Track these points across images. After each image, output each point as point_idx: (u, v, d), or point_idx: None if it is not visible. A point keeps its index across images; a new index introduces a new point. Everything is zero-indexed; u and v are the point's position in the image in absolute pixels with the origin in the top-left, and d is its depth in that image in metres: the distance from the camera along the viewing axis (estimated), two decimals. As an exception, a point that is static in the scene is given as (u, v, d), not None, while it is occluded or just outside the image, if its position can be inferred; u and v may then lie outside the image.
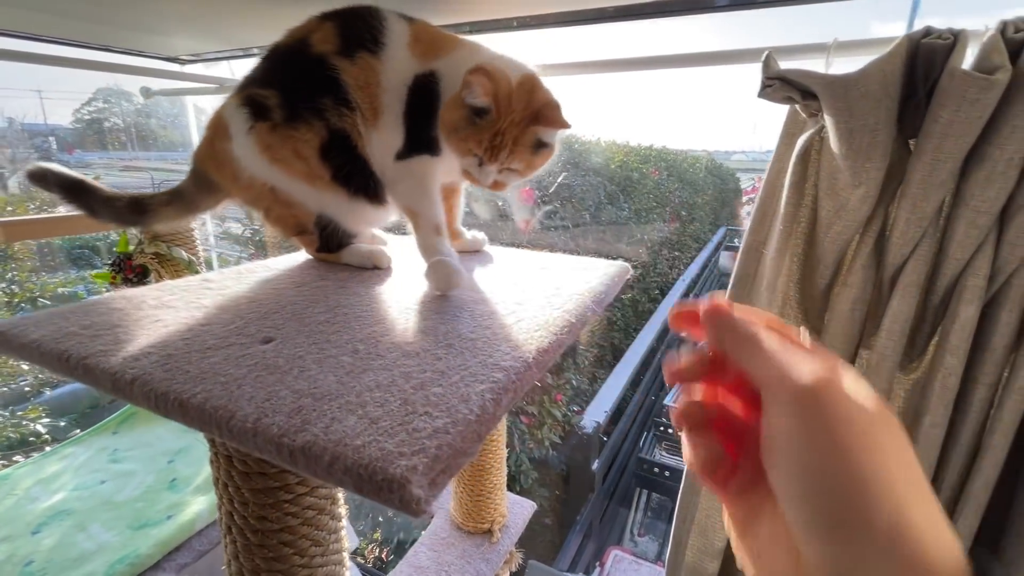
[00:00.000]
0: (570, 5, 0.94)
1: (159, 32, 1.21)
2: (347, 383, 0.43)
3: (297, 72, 0.72)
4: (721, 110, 25.84)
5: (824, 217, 0.71)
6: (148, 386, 0.42)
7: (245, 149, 0.72)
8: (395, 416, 0.38)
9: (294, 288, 0.68)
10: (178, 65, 1.47)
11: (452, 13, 0.98)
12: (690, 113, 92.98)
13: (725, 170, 9.23)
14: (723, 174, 8.88)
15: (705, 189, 6.81)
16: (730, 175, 9.59)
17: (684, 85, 24.91)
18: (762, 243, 0.80)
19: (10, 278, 2.31)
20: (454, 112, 0.69)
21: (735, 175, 9.94)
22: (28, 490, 1.05)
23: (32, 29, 1.15)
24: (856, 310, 0.72)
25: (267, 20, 1.04)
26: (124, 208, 0.77)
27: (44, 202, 2.46)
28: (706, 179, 7.09)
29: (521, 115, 0.68)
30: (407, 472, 0.32)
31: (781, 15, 16.15)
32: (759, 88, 0.68)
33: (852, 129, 0.61)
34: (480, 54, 0.73)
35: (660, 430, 3.23)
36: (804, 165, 0.73)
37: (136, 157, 8.57)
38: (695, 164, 6.85)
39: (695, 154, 7.70)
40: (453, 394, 0.42)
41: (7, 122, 6.71)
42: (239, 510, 0.50)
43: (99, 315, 0.56)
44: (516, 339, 0.53)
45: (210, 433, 0.39)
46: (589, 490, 2.64)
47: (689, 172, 6.30)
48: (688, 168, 6.36)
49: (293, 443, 0.35)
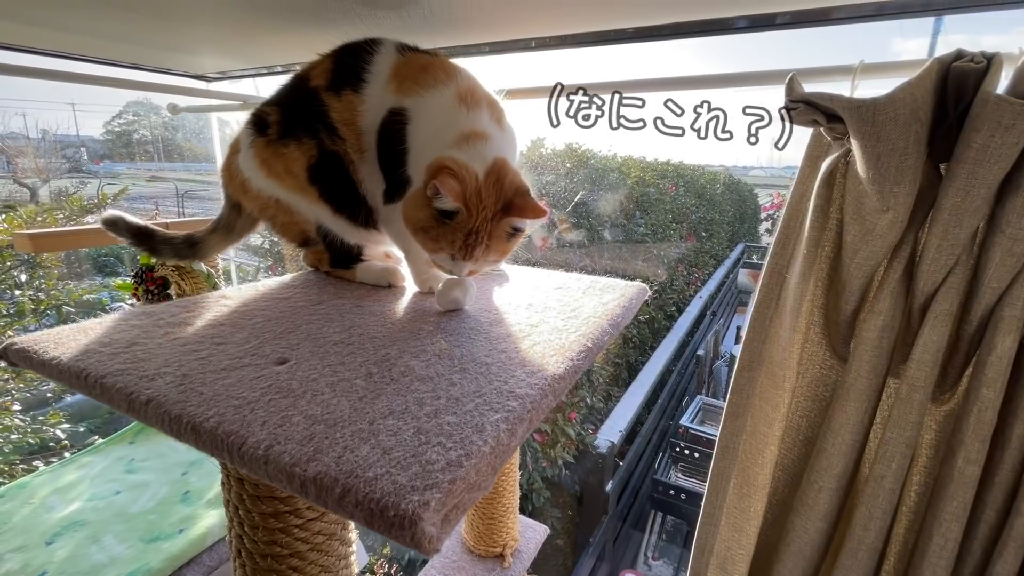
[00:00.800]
0: (589, 26, 0.94)
1: (187, 51, 1.24)
2: (360, 409, 0.42)
3: (297, 100, 0.75)
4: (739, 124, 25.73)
5: (850, 242, 0.69)
6: (162, 408, 0.42)
7: (247, 161, 0.76)
8: (408, 446, 0.37)
9: (310, 307, 0.68)
10: (204, 83, 1.51)
11: (472, 34, 0.99)
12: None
13: (743, 186, 9.14)
14: (741, 190, 8.80)
15: (723, 205, 6.75)
16: (748, 191, 9.49)
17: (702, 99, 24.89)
18: (785, 267, 0.78)
19: (37, 286, 2.37)
20: (420, 211, 0.63)
21: (753, 191, 9.84)
22: (45, 499, 1.06)
23: (67, 48, 1.20)
24: (884, 338, 0.69)
25: (288, 40, 1.06)
26: (181, 245, 0.83)
27: (72, 212, 2.53)
28: (724, 195, 7.03)
29: (493, 209, 0.63)
30: (419, 508, 0.31)
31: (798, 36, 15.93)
32: (783, 111, 0.66)
33: (880, 153, 0.59)
34: (447, 97, 0.66)
35: (676, 451, 3.16)
36: (829, 189, 0.71)
37: (162, 168, 8.82)
38: (713, 180, 6.80)
39: (712, 169, 7.66)
40: (467, 423, 0.41)
41: (41, 134, 6.96)
42: (248, 534, 0.50)
43: (118, 332, 0.57)
44: (531, 364, 0.52)
45: (222, 459, 0.39)
46: (603, 512, 2.59)
47: (707, 188, 6.25)
48: (706, 184, 6.31)
49: (304, 473, 0.34)
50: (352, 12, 0.82)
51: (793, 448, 0.84)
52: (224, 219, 0.84)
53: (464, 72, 0.71)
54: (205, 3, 0.83)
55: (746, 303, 6.62)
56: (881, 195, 0.62)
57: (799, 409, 0.82)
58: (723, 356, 5.25)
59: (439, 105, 0.66)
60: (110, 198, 2.83)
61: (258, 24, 0.93)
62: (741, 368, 0.83)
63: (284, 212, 0.78)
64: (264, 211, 0.80)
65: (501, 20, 0.89)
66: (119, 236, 0.82)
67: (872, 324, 0.69)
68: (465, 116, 0.66)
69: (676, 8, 0.82)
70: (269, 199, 0.77)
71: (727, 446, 0.86)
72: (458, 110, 0.66)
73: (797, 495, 0.79)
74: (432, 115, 0.66)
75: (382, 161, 0.71)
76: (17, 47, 1.16)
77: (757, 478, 0.83)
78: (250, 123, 0.77)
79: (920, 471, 0.74)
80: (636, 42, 1.01)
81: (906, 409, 0.68)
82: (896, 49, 15.79)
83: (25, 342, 0.53)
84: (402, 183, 0.69)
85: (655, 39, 0.98)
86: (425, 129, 0.66)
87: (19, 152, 6.03)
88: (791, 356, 0.77)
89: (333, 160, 0.73)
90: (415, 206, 0.64)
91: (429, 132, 0.66)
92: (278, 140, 0.73)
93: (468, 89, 0.67)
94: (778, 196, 9.19)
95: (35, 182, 5.47)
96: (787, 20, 0.83)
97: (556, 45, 1.06)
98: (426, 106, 0.67)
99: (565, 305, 0.72)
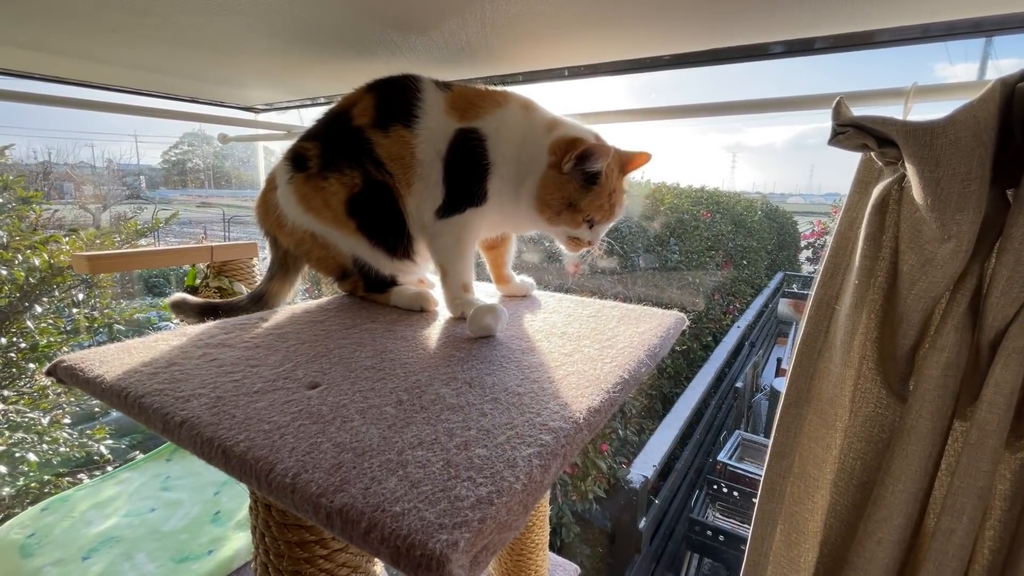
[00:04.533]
0: (622, 55, 0.94)
1: (238, 84, 1.31)
2: (389, 438, 0.41)
3: (338, 136, 0.77)
4: (777, 153, 24.81)
5: (907, 272, 0.64)
6: (195, 430, 0.42)
7: (286, 197, 0.78)
8: (437, 480, 0.36)
9: (343, 330, 0.68)
10: (252, 114, 1.59)
11: (507, 64, 1.01)
12: (743, 155, 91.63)
13: (782, 213, 8.92)
14: (780, 217, 8.58)
15: (761, 233, 6.58)
16: (787, 218, 9.25)
17: (735, 128, 24.21)
18: (834, 298, 0.74)
19: (92, 304, 2.51)
20: (562, 189, 0.71)
21: (792, 219, 9.58)
22: (84, 513, 1.08)
23: (134, 84, 1.29)
24: (949, 376, 0.64)
25: (331, 72, 1.11)
26: (249, 304, 0.85)
27: (128, 236, 2.68)
28: (762, 222, 6.86)
29: (616, 168, 0.73)
30: (447, 549, 0.29)
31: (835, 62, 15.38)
32: (830, 136, 0.64)
33: (939, 179, 0.56)
34: (513, 111, 0.75)
35: (713, 489, 3.00)
36: (881, 216, 0.67)
37: (211, 195, 9.31)
38: (749, 207, 6.65)
39: (749, 196, 7.50)
40: (499, 457, 0.39)
41: (106, 163, 7.49)
42: (274, 562, 0.49)
43: (159, 352, 0.58)
44: (565, 396, 0.50)
45: (250, 485, 0.38)
46: (635, 550, 2.47)
47: (744, 215, 6.12)
48: (743, 211, 6.18)
49: (331, 504, 0.33)
50: (393, 44, 0.85)
51: (847, 494, 0.77)
52: (275, 262, 0.86)
53: (512, 92, 0.78)
54: (255, 38, 0.88)
55: (787, 334, 6.35)
56: (942, 223, 0.58)
57: (852, 451, 0.76)
58: (763, 389, 5.02)
59: (511, 118, 0.74)
60: (162, 222, 2.99)
61: (303, 56, 0.98)
62: (787, 404, 0.79)
63: (320, 247, 0.79)
64: (300, 246, 0.81)
65: (535, 50, 0.91)
66: (187, 317, 0.82)
67: (935, 361, 0.64)
68: (537, 115, 0.75)
69: (713, 34, 0.82)
70: (305, 233, 0.79)
71: (773, 488, 0.81)
72: (528, 116, 0.74)
73: (853, 546, 0.72)
74: (508, 127, 0.73)
75: (451, 178, 0.73)
76: (89, 83, 1.25)
77: (807, 525, 0.77)
78: (288, 159, 0.79)
79: (994, 525, 0.67)
80: (671, 69, 1.00)
81: (977, 455, 0.62)
82: (941, 75, 15.10)
83: (73, 360, 0.55)
84: (470, 197, 0.73)
85: (691, 66, 0.97)
86: (508, 137, 0.73)
87: (85, 180, 6.48)
88: (843, 393, 0.72)
89: (379, 191, 0.75)
90: (555, 187, 0.71)
91: (514, 137, 0.73)
92: (318, 174, 0.75)
93: (524, 102, 0.76)
94: (819, 224, 8.91)
95: (97, 208, 5.86)
96: (827, 45, 0.81)
97: (589, 74, 1.07)
98: (500, 123, 0.73)
99: (600, 334, 0.70)
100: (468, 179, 0.72)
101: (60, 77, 1.20)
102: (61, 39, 0.90)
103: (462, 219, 0.73)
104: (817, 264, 4.82)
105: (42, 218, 2.49)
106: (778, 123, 68.34)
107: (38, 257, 2.18)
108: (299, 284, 0.88)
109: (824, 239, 8.54)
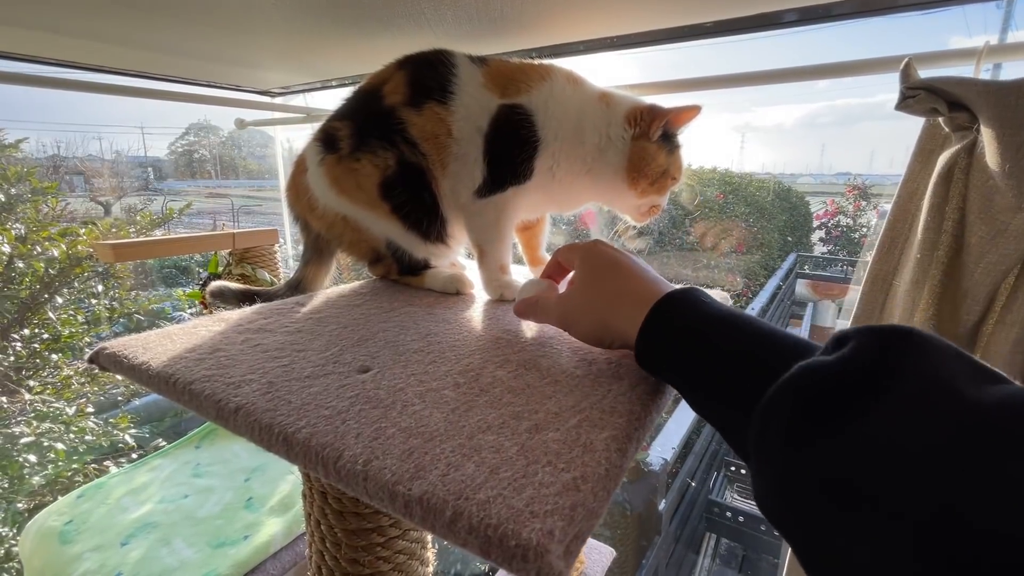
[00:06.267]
0: (633, 27, 0.90)
1: (254, 66, 1.28)
2: (455, 422, 0.39)
3: (369, 115, 0.74)
4: (786, 132, 24.31)
5: (975, 244, 0.61)
6: (252, 416, 0.41)
7: (316, 179, 0.75)
8: (515, 466, 0.34)
9: (383, 314, 0.66)
10: (269, 98, 1.56)
11: (535, 37, 0.97)
12: (753, 135, 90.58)
13: (794, 193, 8.78)
14: (792, 198, 8.45)
15: (773, 214, 6.48)
16: (799, 199, 9.10)
17: (744, 107, 23.52)
18: (891, 273, 0.71)
19: (111, 295, 2.52)
20: (657, 157, 0.71)
21: (804, 199, 9.42)
22: (119, 500, 1.09)
23: (139, 67, 1.26)
24: (1019, 353, 0.61)
25: (353, 51, 1.07)
26: (286, 291, 0.83)
27: (143, 226, 2.68)
28: (774, 203, 6.75)
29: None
30: (544, 538, 0.28)
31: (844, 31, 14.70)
32: (898, 99, 0.60)
33: (1021, 143, 0.52)
34: (560, 85, 0.72)
35: (731, 471, 3.00)
36: (947, 185, 0.64)
37: (220, 185, 9.32)
38: (762, 187, 6.55)
39: (760, 177, 7.38)
40: (574, 441, 0.37)
41: (114, 155, 7.50)
42: (331, 550, 0.48)
43: (201, 337, 0.57)
44: (626, 377, 0.48)
45: (316, 473, 0.37)
46: (655, 532, 2.48)
47: (756, 196, 6.03)
48: (755, 192, 6.09)
49: (409, 492, 0.32)
50: (422, 16, 0.81)
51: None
52: (308, 246, 0.84)
53: (555, 66, 0.74)
54: (274, 15, 0.85)
55: (800, 316, 6.28)
56: (1019, 191, 0.55)
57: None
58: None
59: (560, 93, 0.71)
60: (175, 213, 2.99)
61: (325, 34, 0.95)
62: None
63: (352, 230, 0.77)
64: (331, 229, 0.79)
65: (564, 21, 0.87)
66: (227, 304, 0.81)
67: (1003, 337, 0.61)
68: (586, 88, 0.73)
69: (724, 4, 0.77)
70: (337, 216, 0.76)
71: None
72: (578, 89, 0.72)
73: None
74: (559, 102, 0.70)
75: (494, 155, 0.70)
76: (101, 67, 1.23)
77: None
78: (318, 140, 0.76)
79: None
80: (682, 41, 0.96)
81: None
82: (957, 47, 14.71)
83: (116, 347, 0.54)
84: (515, 174, 0.71)
85: (702, 37, 0.93)
86: (560, 113, 0.70)
87: (95, 173, 6.50)
88: (900, 372, 0.69)
89: (413, 173, 0.72)
90: (651, 157, 0.70)
91: (568, 112, 0.70)
92: (349, 155, 0.73)
93: (569, 75, 0.73)
94: (832, 203, 8.75)
95: (108, 200, 5.88)
96: (845, 11, 0.76)
97: (603, 47, 1.02)
98: (548, 98, 0.70)
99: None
100: (513, 156, 0.69)
101: (71, 61, 1.18)
102: (72, 19, 0.87)
103: (503, 197, 0.70)
104: (829, 244, 4.75)
105: (56, 210, 2.49)
106: (788, 102, 66.92)
107: (56, 248, 2.19)
108: (334, 268, 0.86)
109: (837, 218, 8.41)
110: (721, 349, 0.37)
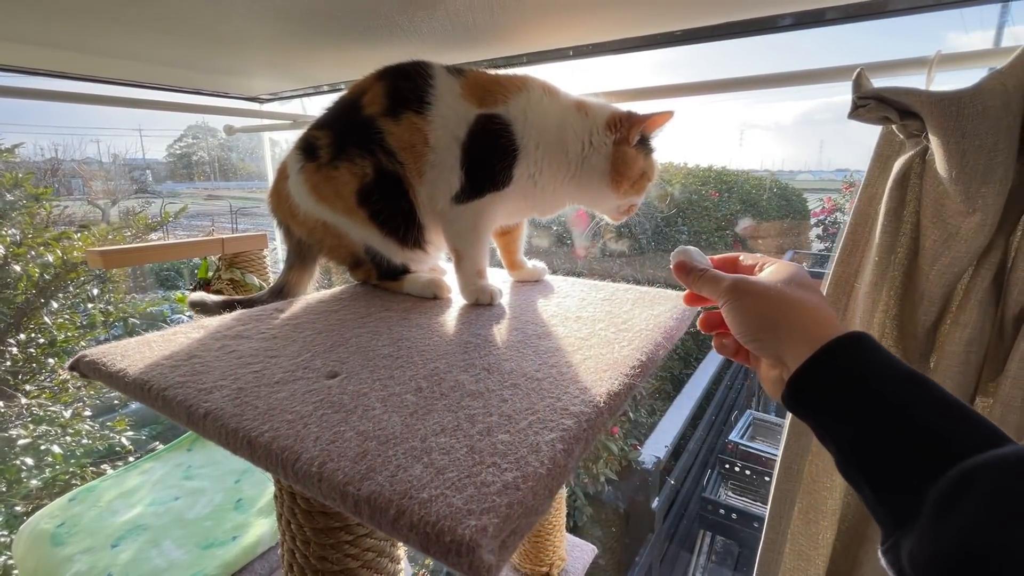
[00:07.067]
0: (628, 32, 0.92)
1: (242, 74, 1.30)
2: (412, 425, 0.41)
3: (349, 125, 0.76)
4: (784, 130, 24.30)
5: (929, 247, 0.63)
6: (219, 421, 0.43)
7: (297, 186, 0.77)
8: (462, 466, 0.36)
9: (358, 319, 0.68)
10: (257, 104, 1.58)
11: (511, 45, 0.99)
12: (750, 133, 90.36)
13: (791, 191, 8.77)
14: (789, 195, 8.45)
15: (769, 211, 6.49)
16: (796, 196, 9.10)
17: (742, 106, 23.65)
18: (853, 275, 0.73)
19: (107, 299, 2.54)
20: (636, 160, 0.75)
21: (802, 196, 9.42)
22: (110, 503, 1.11)
23: (137, 77, 1.28)
24: (971, 352, 0.63)
25: (336, 58, 1.09)
26: (269, 297, 0.85)
27: (138, 230, 2.70)
28: (770, 200, 6.76)
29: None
30: (476, 534, 0.30)
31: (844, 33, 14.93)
32: (850, 109, 0.62)
33: (965, 150, 0.54)
34: (537, 96, 0.75)
35: (725, 468, 3.02)
36: (903, 190, 0.66)
37: (217, 187, 9.31)
38: (758, 185, 6.55)
39: (757, 174, 7.38)
40: (522, 443, 0.39)
41: (111, 158, 7.50)
42: (300, 548, 0.50)
43: (179, 344, 0.59)
44: (584, 381, 0.50)
45: (277, 474, 0.39)
46: (648, 530, 2.50)
47: (752, 193, 6.03)
48: (751, 189, 6.09)
49: (358, 492, 0.34)
50: (398, 27, 0.83)
51: (865, 471, 0.77)
52: (291, 252, 0.86)
53: (531, 77, 0.77)
54: (260, 26, 0.87)
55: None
56: (967, 196, 0.57)
57: (871, 429, 0.76)
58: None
59: (537, 103, 0.74)
60: (171, 216, 3.00)
61: (309, 44, 0.96)
62: (805, 384, 0.78)
63: (332, 235, 0.79)
64: (312, 234, 0.81)
65: (541, 29, 0.89)
66: (208, 314, 0.81)
67: (957, 337, 0.63)
68: (562, 98, 0.76)
69: (720, 8, 0.79)
70: (317, 222, 0.79)
71: (790, 467, 0.81)
72: (554, 99, 0.75)
73: (871, 523, 0.72)
74: (536, 112, 0.73)
75: (472, 163, 0.72)
76: (93, 78, 1.25)
77: (825, 503, 0.77)
78: (299, 148, 0.78)
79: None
80: (676, 45, 0.98)
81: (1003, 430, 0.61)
82: (953, 45, 14.69)
83: (95, 354, 0.56)
84: (493, 181, 0.73)
85: (696, 42, 0.95)
86: (538, 122, 0.73)
87: (93, 176, 6.50)
88: (862, 371, 0.71)
89: (390, 181, 0.74)
90: (632, 161, 0.74)
91: (547, 122, 0.73)
92: (328, 163, 0.75)
93: (545, 86, 0.76)
94: (829, 200, 8.76)
95: (106, 203, 5.89)
96: (838, 16, 0.78)
97: (595, 53, 1.04)
98: (526, 108, 0.73)
99: (615, 317, 0.69)
100: (493, 164, 0.71)
101: (65, 72, 1.20)
102: (64, 32, 0.89)
103: (481, 204, 0.72)
104: (826, 242, 4.72)
105: (52, 214, 2.51)
106: (786, 99, 67.28)
107: (51, 254, 2.21)
108: (318, 273, 0.88)
109: (835, 215, 8.42)
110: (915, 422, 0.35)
